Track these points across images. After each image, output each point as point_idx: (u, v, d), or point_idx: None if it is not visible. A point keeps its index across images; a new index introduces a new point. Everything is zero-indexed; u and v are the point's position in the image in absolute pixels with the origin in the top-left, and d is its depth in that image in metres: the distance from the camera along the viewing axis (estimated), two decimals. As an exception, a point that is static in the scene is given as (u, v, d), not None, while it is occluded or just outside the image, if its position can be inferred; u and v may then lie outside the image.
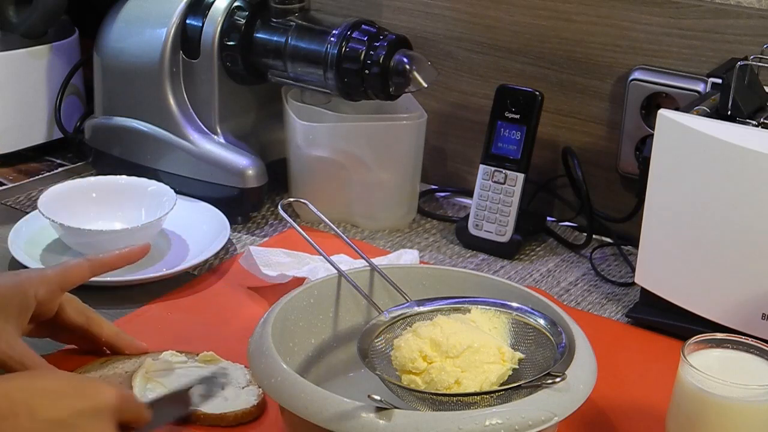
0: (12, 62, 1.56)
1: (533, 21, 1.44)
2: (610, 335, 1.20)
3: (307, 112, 1.42)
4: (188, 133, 1.44)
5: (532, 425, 0.85)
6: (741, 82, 1.14)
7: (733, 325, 1.12)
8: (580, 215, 1.44)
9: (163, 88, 1.43)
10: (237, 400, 1.03)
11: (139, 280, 1.25)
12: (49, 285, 1.05)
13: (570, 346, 0.94)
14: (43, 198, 1.32)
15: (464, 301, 1.01)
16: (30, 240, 1.32)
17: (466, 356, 0.92)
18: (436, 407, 0.90)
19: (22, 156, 1.61)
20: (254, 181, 1.41)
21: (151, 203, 1.35)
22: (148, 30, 1.44)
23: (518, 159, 1.37)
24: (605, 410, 1.06)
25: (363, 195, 1.42)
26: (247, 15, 1.41)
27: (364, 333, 0.97)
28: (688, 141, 1.12)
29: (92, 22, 1.53)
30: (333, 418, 0.85)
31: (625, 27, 1.38)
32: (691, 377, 0.91)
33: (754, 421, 0.90)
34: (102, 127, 1.52)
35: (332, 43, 1.35)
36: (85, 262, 1.10)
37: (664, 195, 1.15)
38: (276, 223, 1.44)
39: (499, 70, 1.48)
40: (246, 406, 1.02)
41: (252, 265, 1.26)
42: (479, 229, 1.39)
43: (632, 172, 1.40)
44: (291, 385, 0.88)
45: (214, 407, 1.02)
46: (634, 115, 1.39)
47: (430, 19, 1.52)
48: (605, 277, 1.34)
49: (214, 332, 1.17)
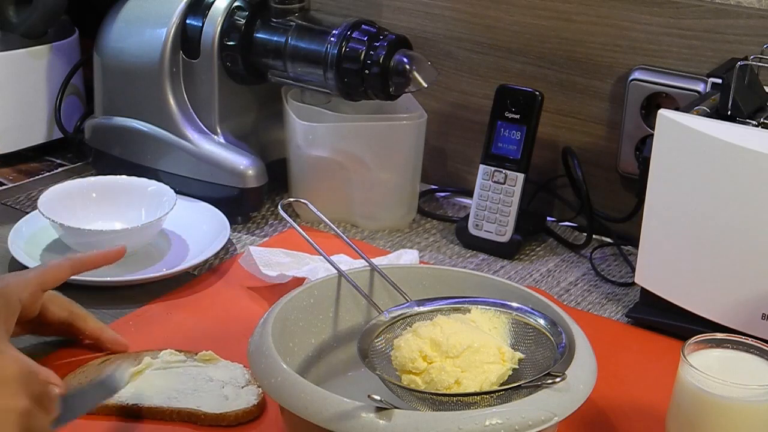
0: (12, 62, 1.56)
1: (533, 21, 1.44)
2: (610, 335, 1.20)
3: (307, 112, 1.42)
4: (188, 133, 1.44)
5: (532, 425, 0.85)
6: (741, 82, 1.14)
7: (733, 325, 1.12)
8: (580, 215, 1.44)
9: (163, 88, 1.43)
10: (237, 400, 1.03)
11: (139, 280, 1.26)
12: (31, 287, 1.06)
13: (570, 346, 0.94)
14: (43, 198, 1.32)
15: (464, 301, 1.01)
16: (30, 240, 1.32)
17: (466, 356, 0.92)
18: (436, 407, 0.90)
19: (22, 156, 1.61)
20: (254, 181, 1.41)
21: (151, 203, 1.35)
22: (148, 30, 1.44)
23: (518, 159, 1.37)
24: (605, 410, 1.06)
25: (363, 195, 1.42)
26: (247, 15, 1.41)
27: (364, 333, 0.97)
28: (688, 141, 1.12)
29: (92, 22, 1.53)
30: (333, 418, 0.85)
31: (625, 27, 1.38)
32: (691, 377, 0.91)
33: (754, 421, 0.90)
34: (102, 127, 1.52)
35: (332, 43, 1.35)
36: (65, 262, 1.12)
37: (664, 195, 1.15)
38: (276, 223, 1.44)
39: (499, 70, 1.48)
40: (246, 405, 1.02)
41: (252, 265, 1.26)
42: (479, 229, 1.39)
43: (632, 172, 1.40)
44: (291, 385, 0.88)
45: (215, 407, 1.02)
46: (634, 115, 1.39)
47: (430, 19, 1.52)
48: (605, 277, 1.34)
49: (214, 332, 1.17)
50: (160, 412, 1.02)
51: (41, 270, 1.09)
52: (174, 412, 1.02)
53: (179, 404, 1.02)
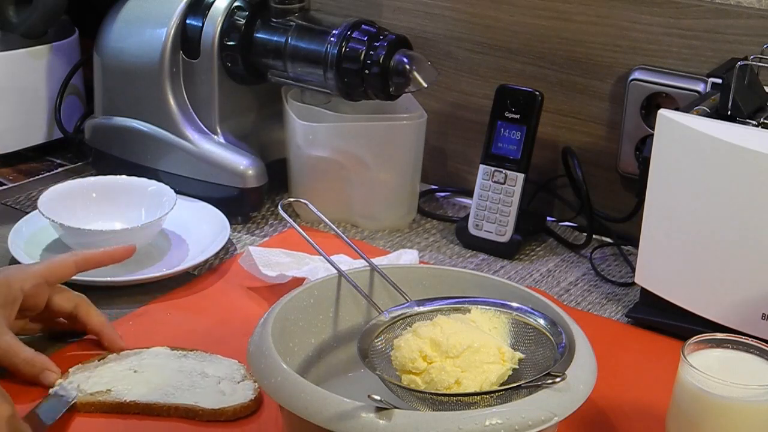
0: (12, 62, 1.56)
1: (533, 21, 1.44)
2: (610, 335, 1.20)
3: (307, 112, 1.42)
4: (188, 133, 1.44)
5: (532, 425, 0.85)
6: (741, 82, 1.14)
7: (733, 325, 1.12)
8: (580, 215, 1.44)
9: (163, 88, 1.43)
10: (234, 395, 1.04)
11: (139, 280, 1.26)
12: (36, 279, 1.08)
13: (570, 346, 0.94)
14: (43, 198, 1.32)
15: (464, 301, 1.01)
16: (30, 240, 1.32)
17: (466, 356, 0.92)
18: (436, 407, 0.90)
19: (22, 156, 1.61)
20: (254, 181, 1.41)
21: (151, 203, 1.35)
22: (148, 30, 1.44)
23: (518, 159, 1.37)
24: (605, 410, 1.06)
25: (363, 195, 1.42)
26: (247, 15, 1.41)
27: (364, 333, 0.97)
28: (688, 141, 1.12)
29: (92, 22, 1.53)
30: (333, 418, 0.85)
31: (625, 27, 1.38)
32: (691, 377, 0.91)
33: (754, 421, 0.90)
34: (102, 127, 1.52)
35: (332, 43, 1.35)
36: (71, 258, 1.13)
37: (664, 195, 1.15)
38: (276, 223, 1.44)
39: (499, 70, 1.48)
40: (244, 400, 1.03)
41: (252, 265, 1.26)
42: (479, 229, 1.39)
43: (632, 172, 1.40)
44: (291, 385, 0.88)
45: (212, 402, 1.02)
46: (634, 115, 1.39)
47: (430, 19, 1.52)
48: (605, 277, 1.34)
49: (214, 332, 1.17)
50: (158, 408, 1.02)
51: (46, 263, 1.11)
52: (171, 408, 1.02)
53: (176, 400, 1.03)
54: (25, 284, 1.07)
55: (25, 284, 1.07)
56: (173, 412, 1.02)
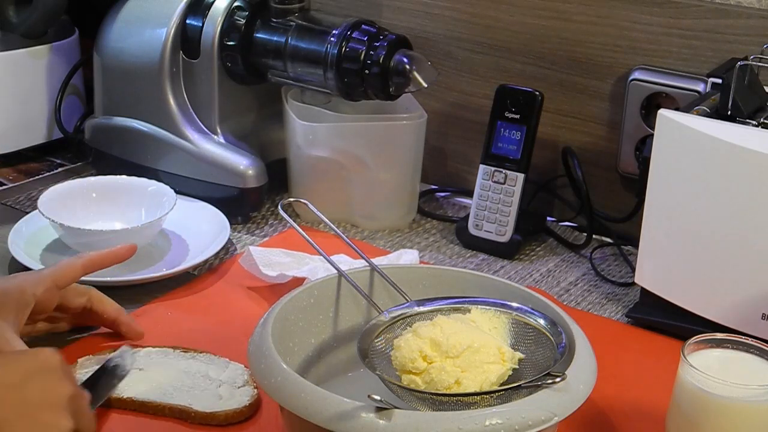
0: (12, 62, 1.56)
1: (533, 21, 1.44)
2: (610, 335, 1.20)
3: (307, 112, 1.42)
4: (188, 133, 1.44)
5: (532, 425, 0.85)
6: (741, 82, 1.14)
7: (733, 325, 1.12)
8: (580, 215, 1.44)
9: (163, 88, 1.43)
10: (230, 400, 1.03)
11: (139, 280, 1.26)
12: (46, 283, 1.08)
13: (570, 346, 0.94)
14: (43, 198, 1.32)
15: (464, 301, 1.01)
16: (30, 240, 1.32)
17: (466, 356, 0.92)
18: (436, 407, 0.90)
19: (22, 156, 1.61)
20: (254, 181, 1.41)
21: (151, 203, 1.35)
22: (148, 30, 1.44)
23: (518, 159, 1.37)
24: (605, 410, 1.06)
25: (363, 195, 1.42)
26: (247, 15, 1.41)
27: (364, 333, 0.97)
28: (688, 141, 1.12)
29: (92, 22, 1.53)
30: (333, 418, 0.85)
31: (625, 27, 1.38)
32: (691, 377, 0.91)
33: (754, 421, 0.90)
34: (102, 127, 1.52)
35: (332, 43, 1.35)
36: (77, 260, 1.13)
37: (664, 195, 1.15)
38: (276, 223, 1.44)
39: (499, 70, 1.48)
40: (237, 406, 1.02)
41: (252, 265, 1.26)
42: (479, 229, 1.39)
43: (632, 172, 1.40)
44: (291, 385, 0.88)
45: (206, 405, 1.02)
46: (634, 115, 1.39)
47: (430, 19, 1.52)
48: (605, 277, 1.34)
49: (214, 332, 1.17)
50: (153, 407, 1.03)
51: (54, 268, 1.11)
52: (166, 408, 1.02)
53: (172, 400, 1.03)
54: (37, 290, 1.07)
55: (37, 290, 1.07)
56: (167, 412, 1.02)
